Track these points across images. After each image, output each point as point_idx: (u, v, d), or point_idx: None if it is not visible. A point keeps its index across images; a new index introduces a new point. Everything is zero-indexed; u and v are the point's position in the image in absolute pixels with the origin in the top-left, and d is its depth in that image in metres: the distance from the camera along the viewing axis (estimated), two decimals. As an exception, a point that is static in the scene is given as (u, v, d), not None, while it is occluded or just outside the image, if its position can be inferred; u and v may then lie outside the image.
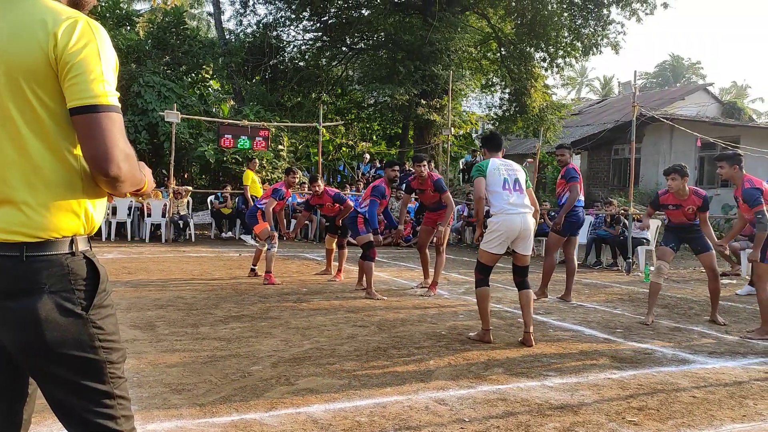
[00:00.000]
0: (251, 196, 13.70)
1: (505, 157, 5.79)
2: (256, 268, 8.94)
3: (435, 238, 7.75)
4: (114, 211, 13.66)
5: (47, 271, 1.55)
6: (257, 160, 14.94)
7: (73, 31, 1.52)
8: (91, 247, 1.69)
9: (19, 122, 1.53)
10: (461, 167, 20.62)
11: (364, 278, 7.59)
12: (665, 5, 19.76)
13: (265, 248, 8.43)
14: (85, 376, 1.61)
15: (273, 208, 8.37)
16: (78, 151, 1.58)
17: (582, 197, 7.69)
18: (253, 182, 14.20)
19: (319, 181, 8.68)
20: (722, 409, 3.76)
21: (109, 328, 1.65)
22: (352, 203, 8.53)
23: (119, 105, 1.58)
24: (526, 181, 5.50)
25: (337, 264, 9.00)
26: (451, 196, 7.79)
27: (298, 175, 9.07)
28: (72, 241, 1.60)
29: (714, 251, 6.48)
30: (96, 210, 1.67)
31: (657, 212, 7.02)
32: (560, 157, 7.95)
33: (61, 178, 1.56)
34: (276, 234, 8.47)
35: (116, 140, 1.53)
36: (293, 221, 14.03)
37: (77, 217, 1.60)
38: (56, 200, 1.56)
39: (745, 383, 4.32)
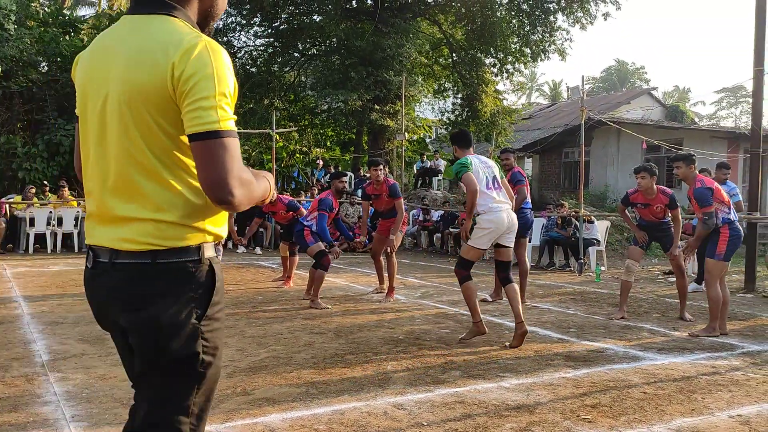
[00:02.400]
0: None
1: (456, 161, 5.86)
2: None
3: (389, 248, 7.73)
4: (60, 221, 13.24)
5: (173, 277, 1.59)
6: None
7: (190, 58, 1.52)
8: (217, 254, 1.73)
9: (143, 146, 1.57)
10: (415, 172, 20.75)
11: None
12: (606, 15, 20.26)
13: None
14: (177, 383, 1.63)
15: None
16: (189, 172, 1.61)
17: (528, 199, 7.82)
18: None
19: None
20: (672, 403, 3.86)
21: (214, 341, 1.66)
22: (305, 211, 8.43)
23: (234, 129, 1.57)
24: (501, 174, 5.66)
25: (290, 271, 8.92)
26: (403, 203, 7.78)
27: None
28: (199, 248, 1.63)
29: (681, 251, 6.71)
30: (218, 223, 1.70)
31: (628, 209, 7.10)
32: (505, 161, 8.08)
33: (184, 199, 1.60)
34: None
35: (230, 167, 1.52)
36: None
37: (202, 231, 1.64)
38: (182, 217, 1.60)
39: (693, 378, 4.46)
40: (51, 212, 13.21)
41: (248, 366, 4.56)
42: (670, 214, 6.64)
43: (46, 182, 14.62)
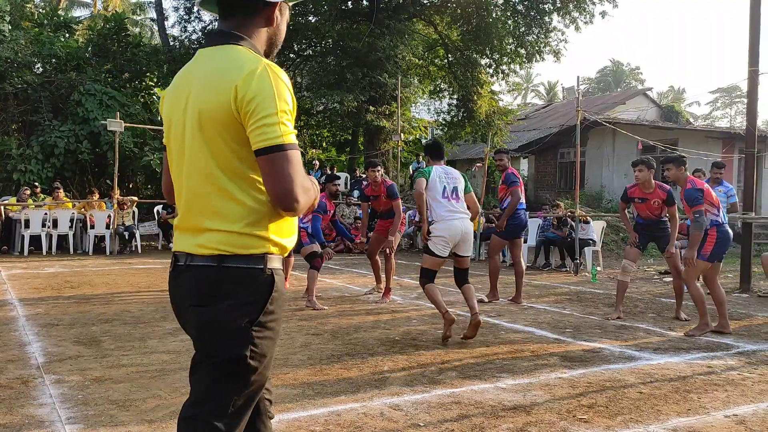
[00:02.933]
0: None
1: (452, 162, 5.94)
2: None
3: (387, 249, 7.74)
4: (55, 223, 13.20)
5: (237, 283, 1.73)
6: None
7: (251, 82, 1.68)
8: (283, 267, 1.87)
9: (213, 164, 1.74)
10: (411, 173, 20.75)
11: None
12: (603, 14, 20.29)
13: None
14: (223, 383, 1.74)
15: None
16: (254, 185, 1.75)
17: (523, 200, 7.80)
18: None
19: None
20: (668, 403, 3.87)
21: (263, 349, 1.76)
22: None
23: (296, 142, 1.73)
24: (466, 187, 5.76)
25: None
26: (401, 204, 7.78)
27: None
28: (263, 258, 1.76)
29: (678, 250, 6.74)
30: (284, 234, 1.83)
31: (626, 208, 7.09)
32: (499, 162, 8.04)
33: (251, 211, 1.75)
34: None
35: (294, 177, 1.68)
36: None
37: (267, 241, 1.77)
38: (247, 226, 1.75)
39: (689, 378, 4.47)
40: (46, 214, 13.17)
41: (244, 367, 4.55)
42: (667, 212, 6.66)
43: (37, 183, 14.57)
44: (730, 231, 6.12)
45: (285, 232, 1.83)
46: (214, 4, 1.88)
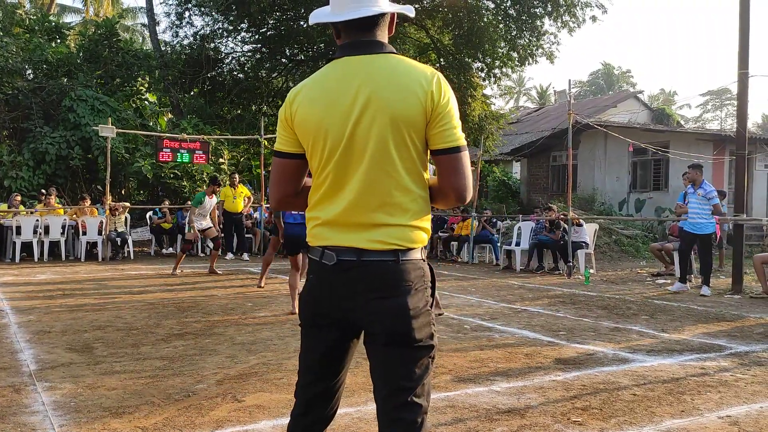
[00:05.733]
0: (227, 210, 13.47)
1: None
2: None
3: None
4: (46, 230, 13.13)
5: (413, 273, 1.89)
6: (236, 176, 14.40)
7: (440, 89, 1.88)
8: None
9: (397, 161, 1.88)
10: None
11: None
12: (594, 18, 20.32)
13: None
14: (419, 364, 1.89)
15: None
16: (423, 181, 1.92)
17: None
18: (227, 197, 13.69)
19: None
20: (662, 405, 3.88)
21: (436, 325, 1.95)
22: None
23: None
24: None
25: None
26: None
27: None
28: (421, 250, 1.95)
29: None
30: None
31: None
32: None
33: (418, 204, 1.92)
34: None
35: (469, 174, 1.92)
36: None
37: (425, 232, 1.95)
38: (417, 220, 1.92)
39: (682, 379, 4.48)
40: (38, 220, 13.10)
41: (238, 373, 4.54)
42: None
43: (43, 191, 14.39)
44: None
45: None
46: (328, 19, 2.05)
